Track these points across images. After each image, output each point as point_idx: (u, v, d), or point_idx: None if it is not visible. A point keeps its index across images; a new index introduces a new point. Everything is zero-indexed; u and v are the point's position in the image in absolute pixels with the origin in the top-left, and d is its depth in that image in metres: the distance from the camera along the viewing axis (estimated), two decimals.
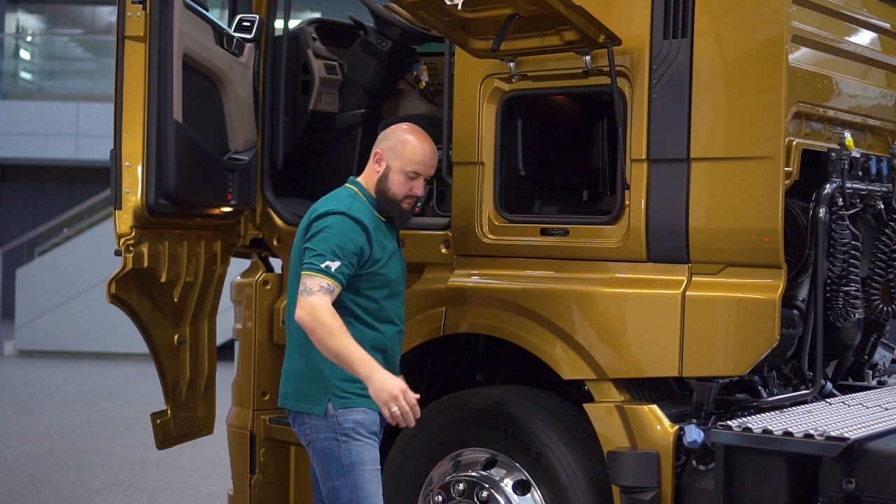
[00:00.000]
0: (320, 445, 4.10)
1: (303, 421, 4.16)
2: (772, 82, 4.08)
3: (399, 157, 4.19)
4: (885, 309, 4.55)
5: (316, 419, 4.10)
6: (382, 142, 4.25)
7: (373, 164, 4.24)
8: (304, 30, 5.62)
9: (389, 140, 4.24)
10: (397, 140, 4.22)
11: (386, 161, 4.21)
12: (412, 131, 4.26)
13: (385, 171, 4.21)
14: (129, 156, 4.86)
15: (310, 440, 4.15)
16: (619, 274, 4.35)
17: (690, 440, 4.05)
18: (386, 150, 4.22)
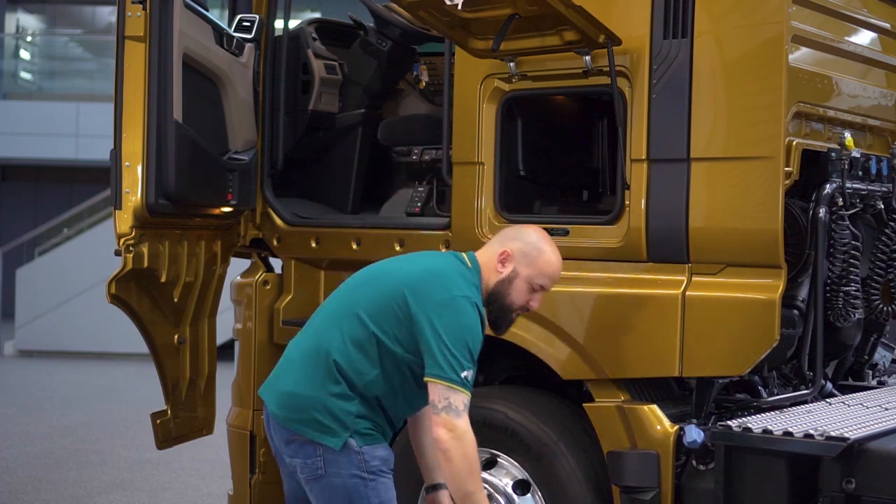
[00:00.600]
0: (340, 482, 3.71)
1: (314, 452, 3.74)
2: (772, 82, 4.08)
3: (531, 266, 3.85)
4: (885, 309, 4.55)
5: (333, 453, 3.71)
6: (511, 241, 3.88)
7: (496, 261, 3.84)
8: (304, 30, 5.62)
9: (521, 242, 3.87)
10: (532, 246, 3.87)
11: (514, 265, 3.84)
12: (547, 240, 3.93)
13: (510, 276, 3.84)
14: (129, 156, 4.86)
15: (320, 473, 3.74)
16: (619, 274, 4.35)
17: (690, 440, 4.05)
18: (517, 252, 3.85)
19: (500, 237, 3.96)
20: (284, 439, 3.82)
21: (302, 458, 3.77)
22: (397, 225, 5.11)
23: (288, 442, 3.81)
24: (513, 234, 3.95)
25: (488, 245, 3.95)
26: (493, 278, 3.85)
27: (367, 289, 3.83)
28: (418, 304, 3.67)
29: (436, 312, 3.64)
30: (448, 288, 3.69)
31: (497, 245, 3.91)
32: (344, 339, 3.76)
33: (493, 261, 3.86)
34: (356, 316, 3.75)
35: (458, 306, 3.66)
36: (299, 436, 3.76)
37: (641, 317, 4.25)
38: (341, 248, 5.22)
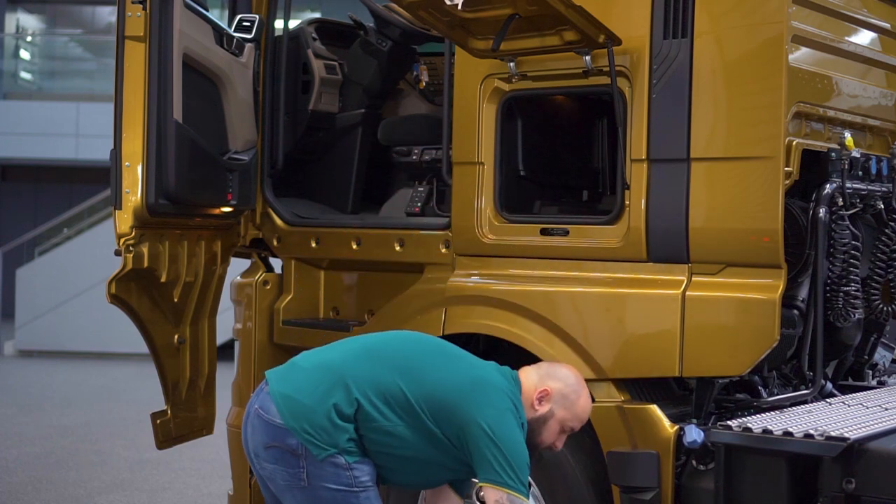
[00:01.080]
0: (329, 495, 3.70)
1: (296, 463, 3.72)
2: (772, 82, 4.08)
3: (569, 410, 3.86)
4: (885, 309, 4.55)
5: (316, 466, 3.69)
6: (553, 381, 3.86)
7: (535, 397, 3.83)
8: (304, 30, 5.62)
9: (562, 384, 3.87)
10: (572, 389, 3.87)
11: (552, 405, 3.84)
12: (583, 382, 3.94)
13: (545, 416, 3.84)
14: (129, 156, 4.86)
15: (303, 485, 3.72)
16: (619, 274, 4.35)
17: (690, 440, 4.05)
18: (556, 393, 3.84)
19: (539, 371, 3.91)
20: (264, 443, 3.76)
21: (284, 466, 3.73)
22: (397, 225, 5.11)
23: (267, 447, 3.76)
24: (552, 371, 3.91)
25: (527, 374, 3.90)
26: (528, 413, 3.83)
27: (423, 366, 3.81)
28: (475, 407, 3.69)
29: (494, 420, 3.67)
30: (504, 400, 3.73)
31: (535, 378, 3.87)
32: (375, 381, 3.75)
33: (531, 395, 3.84)
34: (399, 386, 3.75)
35: (510, 421, 3.70)
36: (280, 444, 3.72)
37: (641, 317, 4.25)
38: (341, 248, 5.22)
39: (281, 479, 3.76)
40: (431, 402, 3.73)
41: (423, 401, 3.73)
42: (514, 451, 3.66)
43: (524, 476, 3.67)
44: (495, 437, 3.65)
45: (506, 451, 3.64)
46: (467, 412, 3.69)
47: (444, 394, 3.73)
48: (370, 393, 3.73)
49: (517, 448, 3.68)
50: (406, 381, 3.75)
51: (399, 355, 3.85)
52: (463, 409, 3.70)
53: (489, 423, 3.66)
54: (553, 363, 4.05)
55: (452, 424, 3.72)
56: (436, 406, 3.73)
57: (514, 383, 3.84)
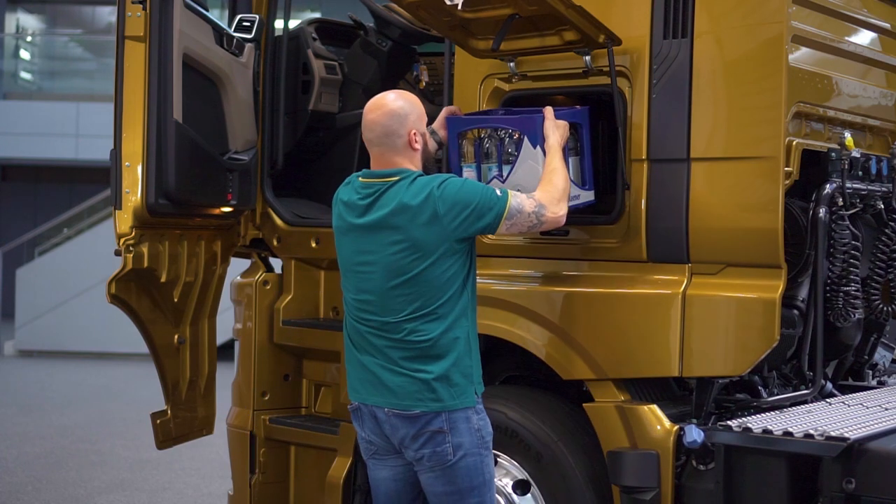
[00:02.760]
0: (468, 462, 3.91)
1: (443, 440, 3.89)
2: (772, 82, 4.08)
3: (423, 116, 4.03)
4: (885, 309, 4.55)
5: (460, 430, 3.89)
6: (405, 122, 3.95)
7: (409, 148, 3.97)
8: (304, 30, 5.62)
9: (408, 114, 3.97)
10: (413, 105, 3.99)
11: (419, 132, 3.99)
12: (399, 91, 4.11)
13: (424, 140, 4.03)
14: (129, 156, 4.87)
15: (450, 459, 3.90)
16: (619, 274, 4.35)
17: (690, 440, 4.05)
18: (416, 122, 3.98)
19: (383, 136, 3.97)
20: (411, 435, 3.90)
21: (433, 447, 3.89)
22: None
23: (415, 437, 3.90)
24: (387, 120, 3.96)
25: (381, 154, 4.00)
26: (416, 157, 4.00)
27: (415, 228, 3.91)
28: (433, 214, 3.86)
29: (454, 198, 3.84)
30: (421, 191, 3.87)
31: (392, 141, 3.96)
32: None
33: (407, 150, 3.97)
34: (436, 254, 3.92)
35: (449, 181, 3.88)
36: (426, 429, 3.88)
37: (641, 317, 4.25)
38: None
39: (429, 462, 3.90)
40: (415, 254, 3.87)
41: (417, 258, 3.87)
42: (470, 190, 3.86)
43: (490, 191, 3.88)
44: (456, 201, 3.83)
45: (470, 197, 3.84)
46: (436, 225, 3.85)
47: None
48: None
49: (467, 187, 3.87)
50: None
51: None
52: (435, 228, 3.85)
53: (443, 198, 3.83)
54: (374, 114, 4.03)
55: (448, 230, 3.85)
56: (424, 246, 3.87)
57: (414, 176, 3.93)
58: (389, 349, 3.91)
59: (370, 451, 4.05)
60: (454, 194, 3.84)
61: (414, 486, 4.03)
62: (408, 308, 3.87)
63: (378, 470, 4.06)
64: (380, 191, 3.93)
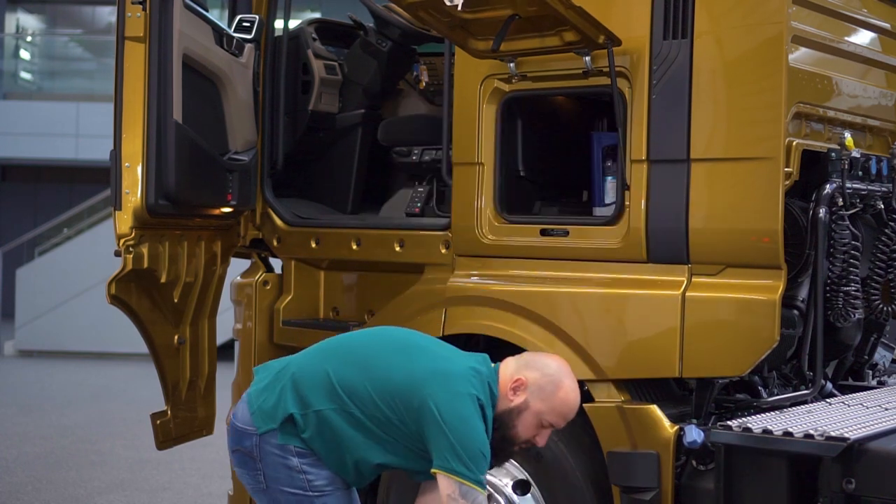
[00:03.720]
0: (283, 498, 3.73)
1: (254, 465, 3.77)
2: (772, 82, 4.08)
3: (545, 402, 3.70)
4: (885, 309, 4.55)
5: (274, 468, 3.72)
6: (529, 370, 3.72)
7: (510, 386, 3.70)
8: (304, 30, 5.62)
9: (539, 373, 3.72)
10: (550, 380, 3.71)
11: (527, 396, 3.69)
12: (568, 374, 3.77)
13: (520, 407, 3.69)
14: (128, 156, 4.87)
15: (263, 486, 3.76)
16: (619, 275, 4.35)
17: (690, 440, 4.05)
18: (532, 383, 3.69)
19: (519, 361, 3.79)
20: (230, 447, 3.84)
21: (245, 469, 3.78)
22: (397, 225, 5.11)
23: (233, 451, 3.83)
24: (532, 360, 3.79)
25: (507, 363, 3.81)
26: (503, 404, 3.70)
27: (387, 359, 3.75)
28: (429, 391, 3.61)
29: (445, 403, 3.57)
30: (464, 385, 3.61)
31: (513, 367, 3.75)
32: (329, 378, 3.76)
33: (507, 385, 3.71)
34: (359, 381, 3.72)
35: (466, 406, 3.57)
36: (240, 447, 3.77)
37: (641, 317, 4.25)
38: (341, 248, 5.22)
39: (247, 483, 3.81)
40: (390, 391, 3.66)
41: (381, 391, 3.67)
42: (466, 437, 3.53)
43: (478, 465, 3.53)
44: (444, 420, 3.52)
45: (456, 436, 3.52)
46: (420, 395, 3.60)
47: (402, 382, 3.65)
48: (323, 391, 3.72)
49: (470, 435, 3.54)
50: (365, 376, 3.70)
51: (363, 351, 3.81)
52: (417, 394, 3.61)
53: (439, 406, 3.55)
54: (538, 353, 3.96)
55: (409, 410, 3.62)
56: (393, 394, 3.65)
57: (489, 371, 3.73)
58: None
59: None
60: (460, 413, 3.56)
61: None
62: None
63: None
64: None
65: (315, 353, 3.91)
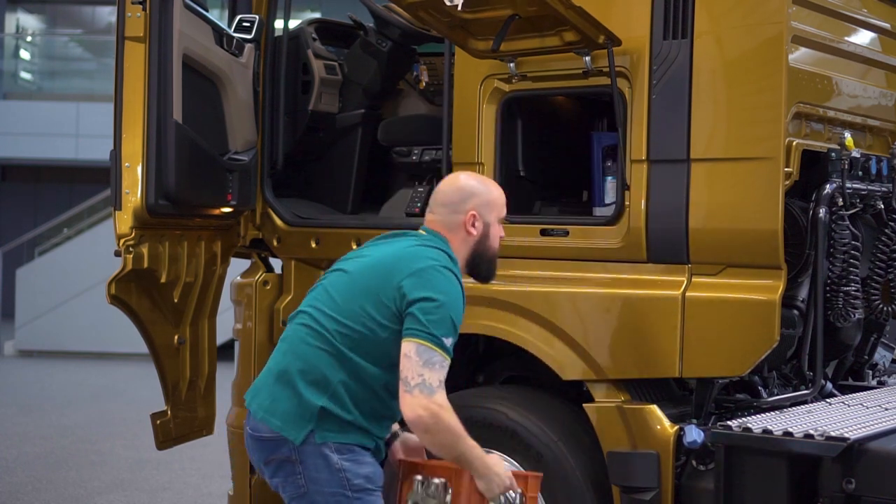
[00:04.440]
0: (320, 500, 3.65)
1: (293, 470, 3.68)
2: (772, 82, 4.08)
3: (493, 208, 3.80)
4: (885, 309, 4.55)
5: (314, 468, 3.64)
6: (465, 202, 3.77)
7: (464, 230, 3.75)
8: (304, 30, 5.62)
9: (475, 197, 3.78)
10: (485, 192, 3.80)
11: (482, 219, 3.78)
12: (480, 177, 3.94)
13: (485, 230, 3.78)
14: (128, 156, 4.87)
15: (303, 490, 3.66)
16: (618, 275, 4.35)
17: (690, 440, 4.05)
18: (479, 206, 3.77)
19: (445, 206, 3.78)
20: (263, 460, 3.74)
21: (283, 476, 3.70)
22: (397, 225, 5.08)
23: (266, 462, 3.73)
24: (455, 195, 3.79)
25: (437, 220, 3.78)
26: (469, 243, 3.78)
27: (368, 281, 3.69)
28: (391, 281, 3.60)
29: (416, 287, 3.56)
30: (409, 256, 3.63)
31: (450, 214, 3.77)
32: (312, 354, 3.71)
33: (461, 228, 3.76)
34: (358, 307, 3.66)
35: (435, 275, 3.58)
36: (275, 455, 3.69)
37: (641, 317, 4.25)
38: (341, 248, 5.20)
39: (286, 490, 3.71)
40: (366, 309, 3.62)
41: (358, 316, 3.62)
42: (441, 303, 3.54)
43: (438, 327, 3.51)
44: (425, 292, 3.54)
45: (430, 304, 3.53)
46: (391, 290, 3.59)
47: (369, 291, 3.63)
48: None
49: (447, 301, 3.55)
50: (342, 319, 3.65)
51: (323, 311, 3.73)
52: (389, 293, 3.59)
53: (411, 290, 3.55)
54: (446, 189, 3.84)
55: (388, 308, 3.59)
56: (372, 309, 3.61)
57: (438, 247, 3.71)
58: None
59: None
60: (432, 276, 3.57)
61: None
62: None
63: None
64: (399, 235, 3.82)
65: (291, 343, 3.79)
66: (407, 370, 3.49)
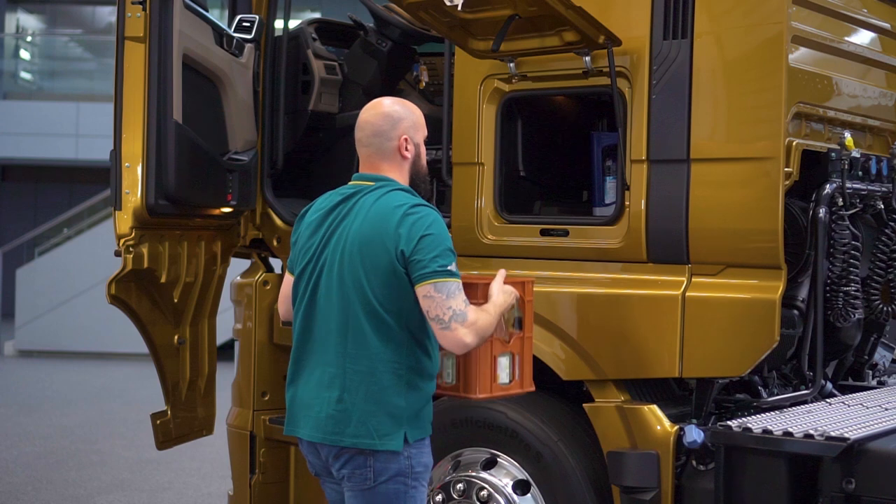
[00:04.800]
0: (388, 487, 3.62)
1: (364, 462, 3.63)
2: (772, 82, 4.08)
3: (420, 128, 3.81)
4: (885, 309, 4.55)
5: (383, 459, 3.61)
6: (397, 126, 3.74)
7: (398, 154, 3.75)
8: (304, 30, 5.62)
9: (402, 119, 3.77)
10: (410, 112, 3.80)
11: (412, 140, 3.78)
12: (402, 101, 3.89)
13: (416, 151, 3.79)
14: (128, 156, 4.87)
15: (369, 483, 3.62)
16: (618, 275, 4.35)
17: (690, 440, 4.05)
18: (408, 129, 3.76)
19: (377, 136, 3.75)
20: (334, 454, 3.68)
21: (352, 468, 3.65)
22: None
23: (343, 461, 3.67)
24: (384, 123, 3.75)
25: (371, 152, 3.77)
26: (405, 166, 3.78)
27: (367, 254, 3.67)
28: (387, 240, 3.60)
29: (411, 230, 3.57)
30: (389, 212, 3.62)
31: (384, 142, 3.74)
32: None
33: (396, 156, 3.75)
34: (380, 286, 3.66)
35: (418, 213, 3.61)
36: (351, 448, 3.64)
37: (641, 317, 4.25)
38: None
39: (352, 485, 3.67)
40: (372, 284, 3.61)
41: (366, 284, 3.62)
42: (427, 245, 3.56)
43: (441, 257, 3.54)
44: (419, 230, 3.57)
45: (418, 250, 3.55)
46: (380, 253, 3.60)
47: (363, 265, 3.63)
48: None
49: (439, 234, 3.58)
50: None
51: None
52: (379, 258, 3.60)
53: (396, 244, 3.57)
54: (368, 120, 3.81)
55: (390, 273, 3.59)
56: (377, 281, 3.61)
57: (400, 188, 3.73)
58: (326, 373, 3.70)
59: (314, 472, 3.88)
60: (421, 225, 3.58)
61: None
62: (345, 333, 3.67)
63: (326, 490, 3.90)
64: (354, 197, 3.76)
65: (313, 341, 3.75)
66: (435, 309, 3.53)
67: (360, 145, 3.81)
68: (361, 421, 3.60)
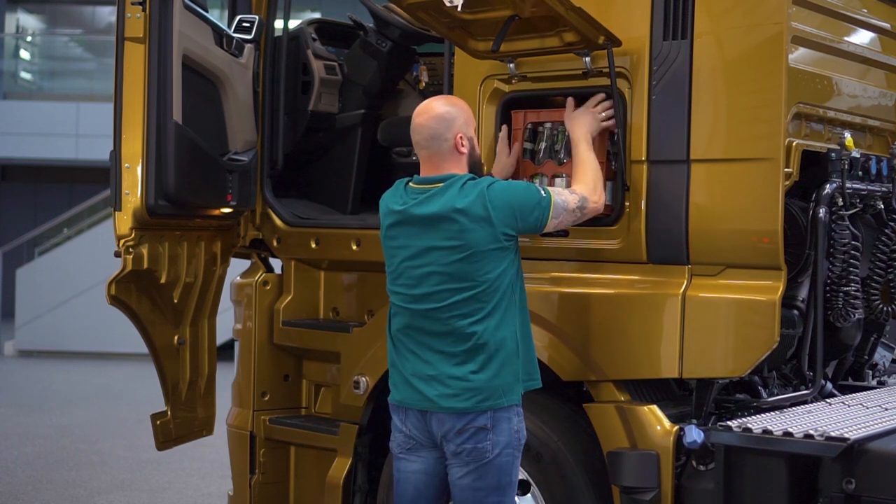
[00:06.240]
0: (502, 460, 3.97)
1: (485, 436, 3.93)
2: (771, 83, 4.08)
3: (470, 122, 4.09)
4: (885, 309, 4.55)
5: (502, 429, 3.95)
6: (451, 126, 4.01)
7: (456, 151, 4.02)
8: (303, 30, 5.62)
9: (455, 118, 4.02)
10: (460, 110, 4.05)
11: (466, 135, 4.04)
12: (450, 98, 4.22)
13: (472, 143, 4.07)
14: (128, 157, 4.87)
15: (488, 456, 3.93)
16: (618, 275, 4.35)
17: (690, 440, 4.05)
18: (462, 126, 4.03)
19: (434, 139, 4.03)
20: (456, 429, 3.93)
21: (474, 443, 3.92)
22: None
23: (459, 431, 3.93)
24: (439, 125, 4.02)
25: (432, 155, 4.05)
26: (462, 160, 4.04)
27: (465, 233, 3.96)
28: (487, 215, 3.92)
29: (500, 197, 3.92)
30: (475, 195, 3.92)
31: (441, 143, 4.01)
32: None
33: (454, 153, 4.03)
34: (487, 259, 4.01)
35: (497, 185, 3.95)
36: (471, 424, 3.93)
37: (641, 318, 4.25)
38: (341, 248, 5.22)
39: (466, 461, 3.93)
40: None
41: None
42: (517, 197, 3.94)
43: (538, 193, 3.98)
44: (507, 195, 3.93)
45: (519, 191, 3.97)
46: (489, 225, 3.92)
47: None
48: None
49: (516, 195, 3.95)
50: None
51: None
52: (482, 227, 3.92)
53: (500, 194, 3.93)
54: (425, 118, 4.07)
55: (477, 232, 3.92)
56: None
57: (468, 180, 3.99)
58: (439, 349, 3.95)
59: (407, 446, 4.06)
60: (502, 195, 3.91)
61: (442, 480, 4.05)
62: (458, 307, 3.91)
63: (410, 463, 4.07)
64: (431, 195, 3.98)
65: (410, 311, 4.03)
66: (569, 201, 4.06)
67: (418, 148, 4.10)
68: None
